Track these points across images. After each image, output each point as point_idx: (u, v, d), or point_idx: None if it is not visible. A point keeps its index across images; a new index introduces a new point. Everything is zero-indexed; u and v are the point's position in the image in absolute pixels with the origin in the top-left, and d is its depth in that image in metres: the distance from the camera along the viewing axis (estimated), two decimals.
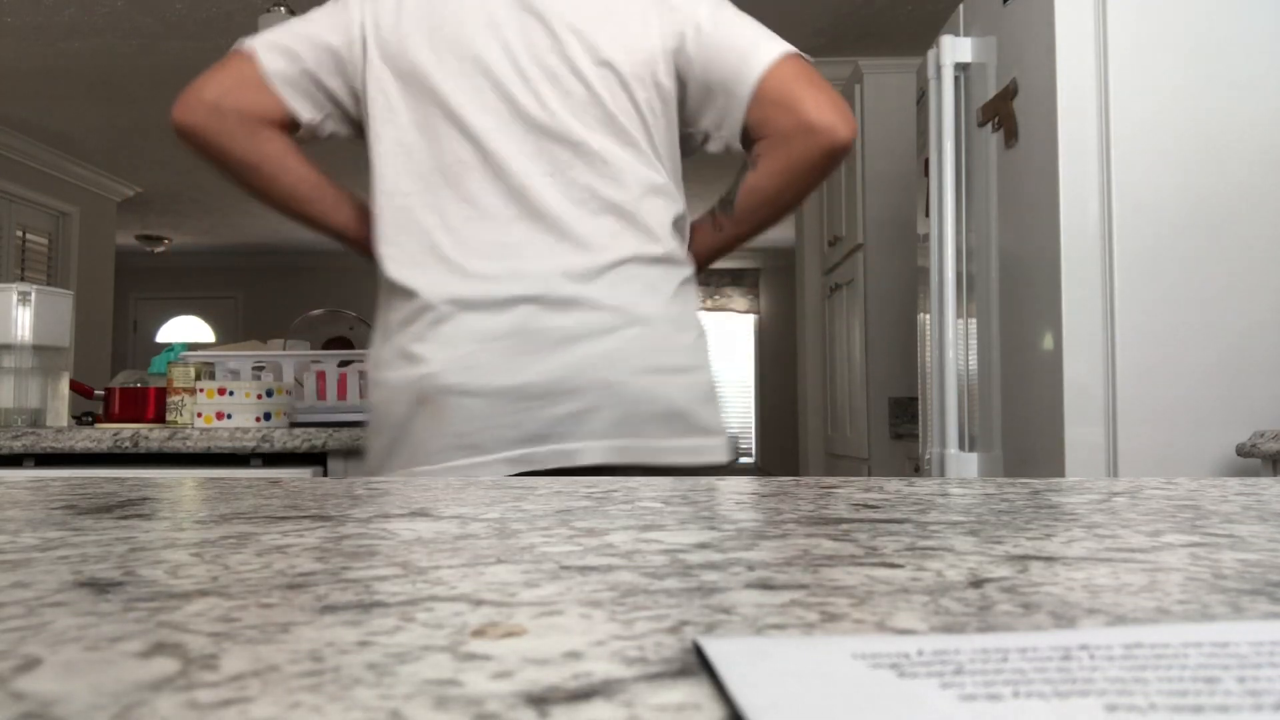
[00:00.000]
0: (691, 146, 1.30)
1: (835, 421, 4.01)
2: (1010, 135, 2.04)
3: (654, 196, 1.22)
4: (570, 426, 1.14)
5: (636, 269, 1.19)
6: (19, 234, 5.67)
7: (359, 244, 1.30)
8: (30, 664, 0.20)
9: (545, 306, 1.16)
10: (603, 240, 1.19)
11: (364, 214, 1.29)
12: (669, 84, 1.23)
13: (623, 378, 1.15)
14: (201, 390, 1.85)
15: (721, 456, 1.23)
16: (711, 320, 8.81)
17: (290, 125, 1.27)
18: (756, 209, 1.28)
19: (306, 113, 1.27)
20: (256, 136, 1.24)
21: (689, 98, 1.24)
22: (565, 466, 1.14)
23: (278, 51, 1.25)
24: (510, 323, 1.15)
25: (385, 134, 1.23)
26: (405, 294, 1.19)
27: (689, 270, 1.26)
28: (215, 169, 1.29)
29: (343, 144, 1.36)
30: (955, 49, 2.26)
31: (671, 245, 1.23)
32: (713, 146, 1.28)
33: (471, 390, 1.14)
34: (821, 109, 1.19)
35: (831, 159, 1.21)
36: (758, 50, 1.21)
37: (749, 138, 1.24)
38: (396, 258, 1.21)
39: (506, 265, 1.17)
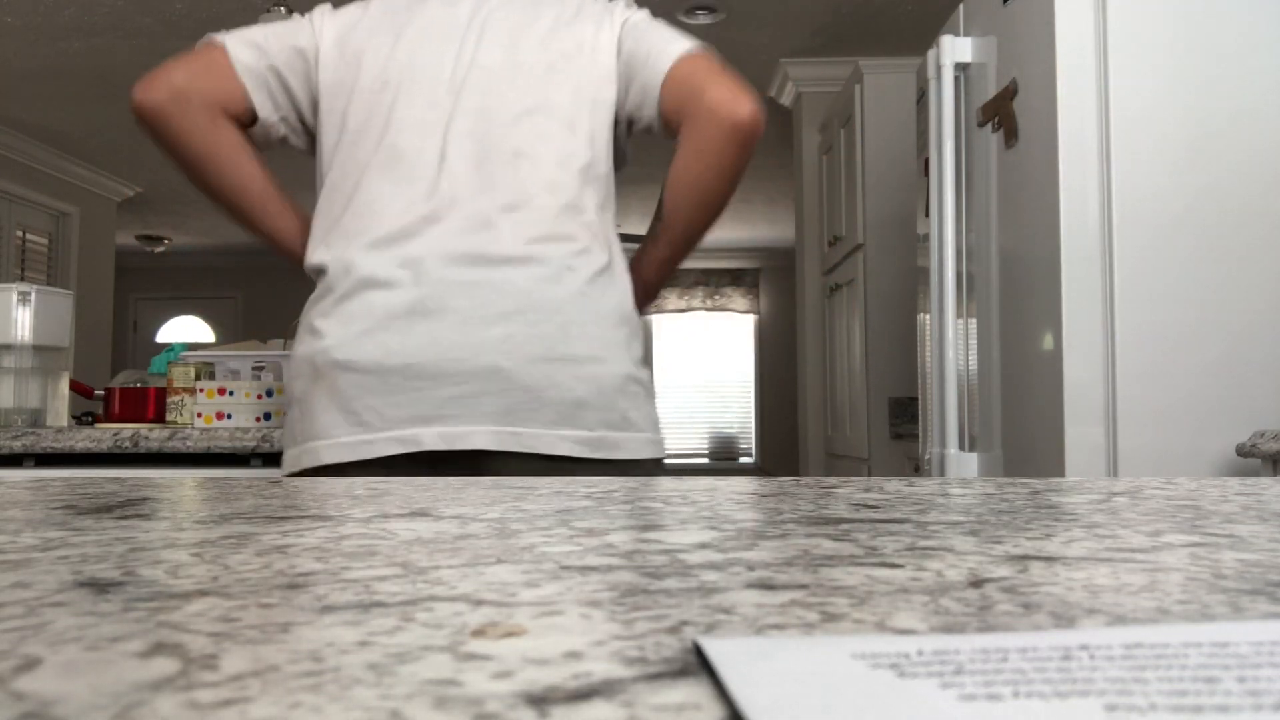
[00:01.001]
0: (622, 147, 1.33)
1: (835, 421, 4.01)
2: (1010, 135, 2.04)
3: (583, 182, 1.23)
4: (457, 409, 1.14)
5: (549, 252, 1.19)
6: (19, 234, 5.67)
7: (294, 255, 1.31)
8: (30, 664, 0.20)
9: (447, 287, 1.16)
10: (514, 223, 1.19)
11: (305, 226, 1.30)
12: (612, 92, 1.28)
13: (515, 364, 1.14)
14: (201, 390, 1.85)
15: (639, 453, 1.19)
16: (711, 320, 8.81)
17: (249, 119, 1.28)
18: (679, 203, 1.27)
19: (265, 110, 1.28)
20: (215, 126, 1.25)
21: (618, 90, 1.29)
22: (455, 450, 1.14)
23: (246, 44, 1.27)
24: (408, 301, 1.16)
25: (328, 125, 1.27)
26: (318, 272, 1.22)
27: (605, 259, 1.23)
28: (166, 154, 1.29)
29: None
30: (955, 49, 2.26)
31: (589, 235, 1.22)
32: (638, 128, 1.30)
33: (360, 366, 1.15)
34: (721, 90, 1.22)
35: (735, 138, 1.23)
36: (673, 43, 1.27)
37: (670, 132, 1.27)
38: (313, 239, 1.24)
39: (411, 244, 1.18)
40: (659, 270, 1.33)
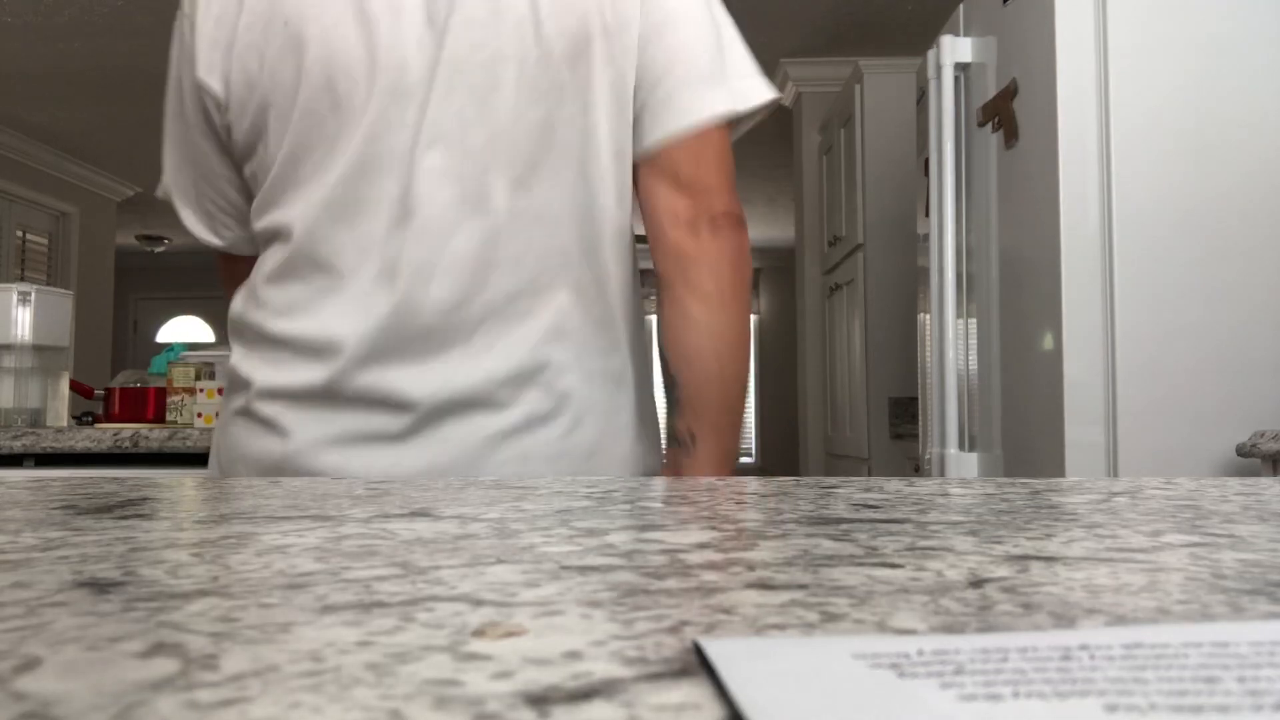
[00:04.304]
0: None
1: (835, 421, 4.01)
2: (1010, 135, 2.04)
3: None
4: None
5: None
6: (19, 234, 5.67)
7: None
8: (30, 664, 0.20)
9: None
10: None
11: None
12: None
13: None
14: (201, 390, 1.85)
15: None
16: None
17: None
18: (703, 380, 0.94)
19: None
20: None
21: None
22: None
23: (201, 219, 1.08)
24: None
25: None
26: None
27: None
28: None
29: None
30: (955, 49, 2.26)
31: None
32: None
33: None
34: (727, 230, 0.93)
35: (742, 290, 0.94)
36: (698, 93, 0.93)
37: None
38: None
39: None
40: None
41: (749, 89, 0.96)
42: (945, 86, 2.24)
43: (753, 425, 8.85)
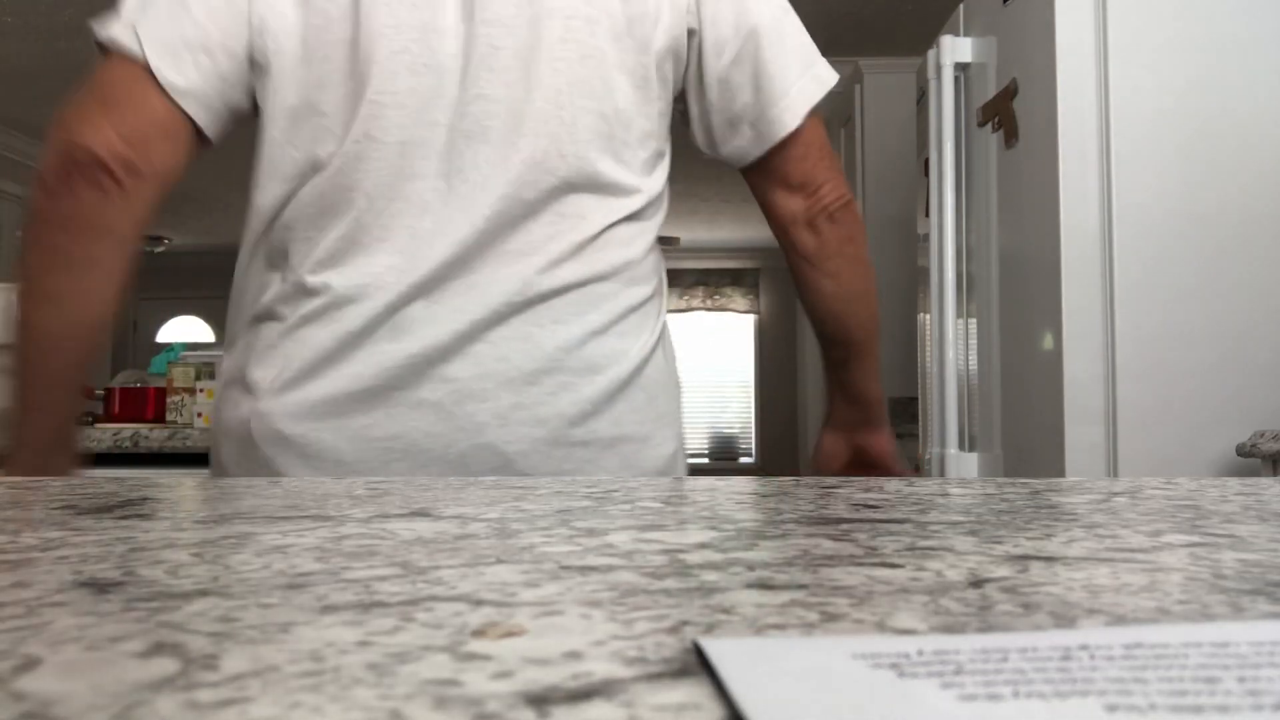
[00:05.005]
0: None
1: None
2: (1010, 135, 2.04)
3: None
4: None
5: None
6: (19, 234, 5.67)
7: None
8: (30, 664, 0.20)
9: None
10: None
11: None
12: None
13: None
14: (201, 390, 1.85)
15: None
16: (711, 320, 8.81)
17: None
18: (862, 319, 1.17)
19: None
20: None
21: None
22: None
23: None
24: None
25: None
26: None
27: None
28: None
29: None
30: (955, 49, 2.26)
31: None
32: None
33: None
34: (841, 181, 1.03)
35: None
36: (799, 88, 0.96)
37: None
38: None
39: None
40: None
41: (822, 73, 0.99)
42: (945, 86, 2.24)
43: (752, 425, 8.85)
